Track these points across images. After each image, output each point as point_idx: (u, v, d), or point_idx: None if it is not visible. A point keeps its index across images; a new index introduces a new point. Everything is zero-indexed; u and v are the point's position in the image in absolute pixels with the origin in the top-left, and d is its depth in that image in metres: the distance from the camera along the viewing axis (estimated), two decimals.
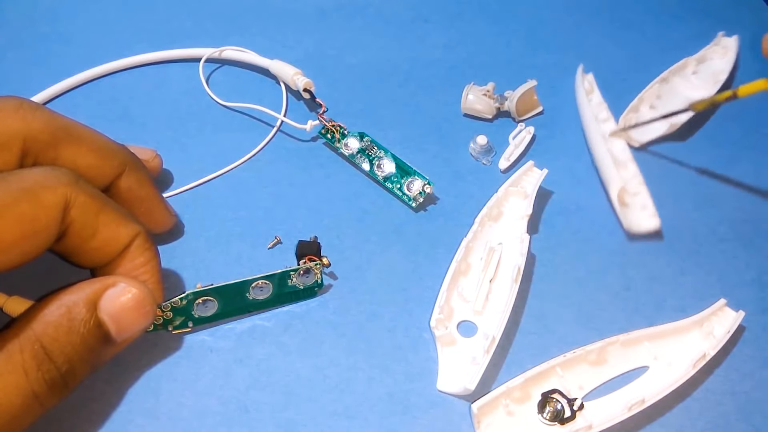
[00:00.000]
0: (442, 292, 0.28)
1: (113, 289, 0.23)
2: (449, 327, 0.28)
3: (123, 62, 0.38)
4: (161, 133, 0.35)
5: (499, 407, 0.26)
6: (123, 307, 0.23)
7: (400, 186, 0.32)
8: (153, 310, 0.24)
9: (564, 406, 0.25)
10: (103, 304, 0.23)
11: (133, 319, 0.24)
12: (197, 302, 0.27)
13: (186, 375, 0.27)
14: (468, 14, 0.42)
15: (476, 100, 0.36)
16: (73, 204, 0.23)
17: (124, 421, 0.26)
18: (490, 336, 0.27)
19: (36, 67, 0.38)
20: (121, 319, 0.23)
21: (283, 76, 0.36)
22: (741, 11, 0.43)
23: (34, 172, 0.23)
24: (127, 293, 0.23)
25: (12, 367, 0.21)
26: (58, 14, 0.41)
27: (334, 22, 0.42)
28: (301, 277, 0.28)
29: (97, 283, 0.23)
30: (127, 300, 0.23)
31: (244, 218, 0.32)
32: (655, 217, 0.31)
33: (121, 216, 0.25)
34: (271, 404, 0.26)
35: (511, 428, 0.25)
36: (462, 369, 0.27)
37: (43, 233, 0.22)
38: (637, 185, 0.32)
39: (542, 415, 0.25)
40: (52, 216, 0.22)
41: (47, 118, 0.25)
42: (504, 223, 0.32)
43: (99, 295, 0.23)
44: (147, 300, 0.24)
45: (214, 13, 0.42)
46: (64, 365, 0.22)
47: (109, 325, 0.23)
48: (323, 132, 0.34)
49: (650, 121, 0.33)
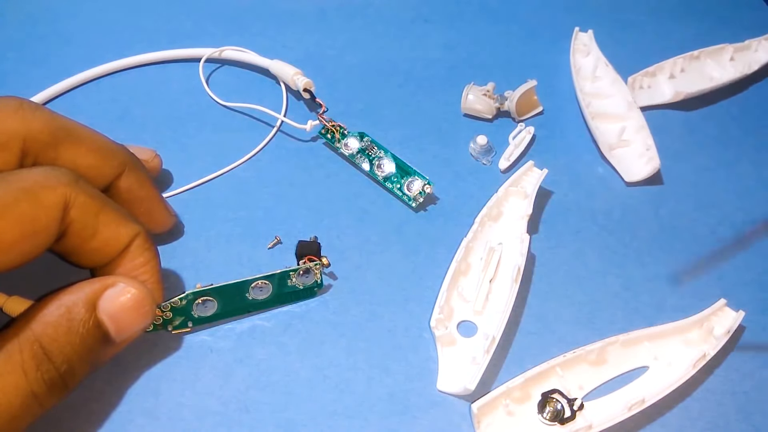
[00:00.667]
0: (442, 292, 0.28)
1: (112, 289, 0.23)
2: (449, 327, 0.28)
3: (123, 62, 0.38)
4: (161, 133, 0.35)
5: (499, 407, 0.26)
6: (122, 307, 0.23)
7: (400, 186, 0.32)
8: (152, 310, 0.24)
9: (564, 406, 0.25)
10: (102, 304, 0.23)
11: (132, 319, 0.24)
12: (197, 302, 0.27)
13: (186, 375, 0.27)
14: (468, 14, 0.42)
15: (476, 100, 0.36)
16: (72, 204, 0.23)
17: (124, 421, 0.26)
18: (490, 336, 0.27)
19: (36, 67, 0.38)
20: (120, 319, 0.23)
21: (283, 76, 0.36)
22: (741, 11, 0.43)
23: (34, 172, 0.22)
24: (126, 293, 0.23)
25: (11, 367, 0.21)
26: (58, 14, 0.41)
27: (334, 22, 0.42)
28: (300, 277, 0.28)
29: (97, 283, 0.23)
30: (127, 300, 0.23)
31: (244, 218, 0.32)
32: (654, 160, 0.32)
33: (120, 216, 0.25)
34: (271, 404, 0.26)
35: (511, 428, 0.25)
36: (462, 369, 0.27)
37: (42, 233, 0.22)
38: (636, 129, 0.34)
39: (542, 415, 0.25)
40: (52, 216, 0.22)
41: (47, 118, 0.25)
42: (504, 223, 0.32)
43: (98, 296, 0.23)
44: (146, 300, 0.24)
45: (214, 14, 0.42)
46: (63, 365, 0.22)
47: (108, 325, 0.23)
48: (323, 132, 0.34)
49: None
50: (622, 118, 0.35)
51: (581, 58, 0.39)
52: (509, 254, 0.30)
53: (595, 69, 0.37)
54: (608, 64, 0.37)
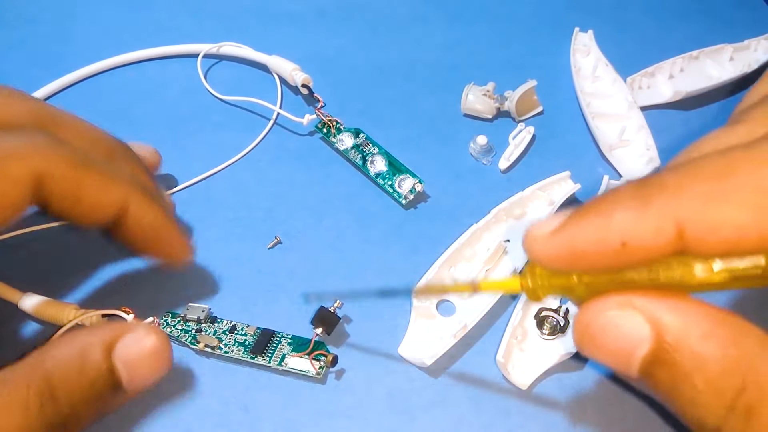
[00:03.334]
0: (435, 267, 0.29)
1: (131, 335, 0.22)
2: (429, 301, 0.28)
3: (120, 59, 0.38)
4: (158, 130, 0.35)
5: (514, 349, 0.27)
6: (139, 355, 0.22)
7: (391, 183, 0.32)
8: (170, 360, 0.23)
9: (557, 318, 0.27)
10: (118, 349, 0.22)
11: (147, 368, 0.22)
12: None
13: (186, 375, 0.27)
14: (468, 14, 0.42)
15: (476, 100, 0.36)
16: (48, 175, 0.21)
17: (124, 421, 0.26)
18: (463, 322, 0.27)
19: (34, 65, 0.38)
20: (135, 367, 0.22)
21: (281, 71, 0.36)
22: (741, 11, 0.43)
23: (6, 140, 0.21)
24: (145, 340, 0.22)
25: (15, 402, 0.19)
26: (57, 13, 0.41)
27: (334, 22, 0.42)
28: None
29: (117, 327, 0.22)
30: (145, 347, 0.22)
31: (245, 218, 0.32)
32: (654, 160, 0.33)
33: (106, 181, 0.23)
34: (271, 404, 0.26)
35: (531, 360, 0.27)
36: (427, 343, 0.27)
37: (9, 209, 0.21)
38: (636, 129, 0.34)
39: (544, 334, 0.27)
40: (19, 192, 0.21)
41: (30, 104, 0.24)
42: (518, 223, 0.31)
43: (116, 340, 0.22)
44: (165, 349, 0.23)
45: (214, 13, 0.42)
46: (67, 408, 0.20)
47: (122, 372, 0.21)
48: (320, 126, 0.35)
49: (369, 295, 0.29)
50: (622, 118, 0.35)
51: (581, 58, 0.39)
52: (514, 254, 0.30)
53: (595, 69, 0.37)
54: (608, 64, 0.37)
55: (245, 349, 0.27)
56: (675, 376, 0.16)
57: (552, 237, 0.17)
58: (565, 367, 0.27)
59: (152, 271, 0.30)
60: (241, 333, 0.28)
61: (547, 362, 0.26)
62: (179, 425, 0.26)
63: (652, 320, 0.16)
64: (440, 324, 0.28)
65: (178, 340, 0.28)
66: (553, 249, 0.17)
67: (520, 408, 0.26)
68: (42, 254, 0.30)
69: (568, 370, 0.27)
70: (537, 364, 0.26)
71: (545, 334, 0.27)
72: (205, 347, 0.27)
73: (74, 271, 0.30)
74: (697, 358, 0.16)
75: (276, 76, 0.37)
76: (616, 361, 0.17)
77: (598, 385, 0.26)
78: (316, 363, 0.26)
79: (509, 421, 0.26)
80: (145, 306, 0.28)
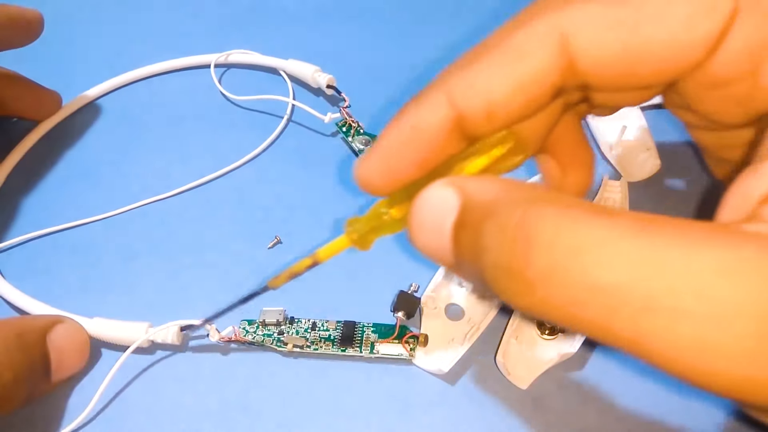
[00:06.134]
0: (440, 272, 0.29)
1: (62, 325, 0.26)
2: (438, 306, 0.28)
3: (132, 74, 0.38)
4: (164, 135, 0.35)
5: (512, 348, 0.27)
6: (69, 344, 0.25)
7: None
8: (87, 356, 0.26)
9: None
10: (52, 335, 0.25)
11: (74, 358, 0.26)
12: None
13: (186, 375, 0.27)
14: (468, 14, 0.42)
15: None
16: None
17: (123, 421, 0.26)
18: (475, 324, 0.27)
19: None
20: (64, 354, 0.25)
21: (300, 75, 0.37)
22: None
23: None
24: (75, 333, 0.26)
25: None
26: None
27: (334, 23, 0.42)
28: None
29: (52, 317, 0.26)
30: (75, 339, 0.26)
31: (244, 218, 0.32)
32: (654, 160, 0.32)
33: None
34: (271, 404, 0.26)
35: (530, 359, 0.27)
36: (441, 349, 0.27)
37: None
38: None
39: (543, 334, 0.27)
40: None
41: None
42: None
43: (49, 328, 0.25)
44: (87, 344, 0.26)
45: (215, 15, 0.42)
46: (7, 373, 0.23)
47: (52, 356, 0.25)
48: (340, 125, 0.35)
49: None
50: (622, 118, 0.35)
51: None
52: None
53: None
54: None
55: (333, 343, 0.27)
56: (475, 234, 0.15)
57: (369, 154, 0.19)
58: (565, 367, 0.27)
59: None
60: (323, 329, 0.28)
61: (547, 362, 0.26)
62: (179, 425, 0.26)
63: (460, 189, 0.16)
64: (450, 328, 0.28)
65: (263, 344, 0.27)
66: (372, 162, 0.19)
67: (520, 408, 0.26)
68: None
69: (568, 370, 0.27)
70: (537, 364, 0.27)
71: (545, 334, 0.27)
72: (294, 348, 0.27)
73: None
74: (489, 205, 0.15)
75: (287, 78, 0.38)
76: (432, 238, 0.17)
77: (598, 385, 0.26)
78: (407, 345, 0.27)
79: (509, 421, 0.26)
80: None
